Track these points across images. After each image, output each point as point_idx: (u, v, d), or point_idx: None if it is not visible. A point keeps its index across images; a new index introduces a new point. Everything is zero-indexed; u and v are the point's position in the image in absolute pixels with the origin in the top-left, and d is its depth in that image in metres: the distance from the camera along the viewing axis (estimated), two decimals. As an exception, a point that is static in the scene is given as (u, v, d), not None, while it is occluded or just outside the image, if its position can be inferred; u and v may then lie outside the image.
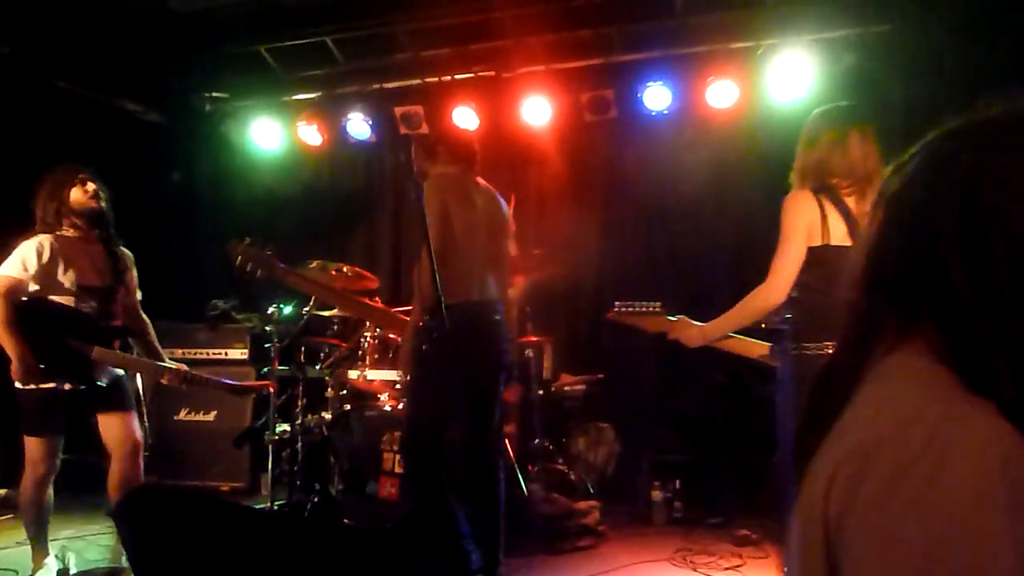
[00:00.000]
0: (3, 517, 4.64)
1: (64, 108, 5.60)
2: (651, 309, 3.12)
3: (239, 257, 3.43)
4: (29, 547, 3.50)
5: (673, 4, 5.19)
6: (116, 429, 3.51)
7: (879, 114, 5.11)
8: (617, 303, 3.22)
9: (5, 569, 3.67)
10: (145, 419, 5.07)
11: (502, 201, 3.47)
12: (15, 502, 3.93)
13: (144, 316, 3.89)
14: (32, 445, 3.36)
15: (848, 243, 2.60)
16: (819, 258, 2.63)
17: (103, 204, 3.66)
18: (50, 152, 5.33)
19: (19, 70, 5.22)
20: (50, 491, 3.48)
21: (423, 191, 3.01)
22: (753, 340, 3.02)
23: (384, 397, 4.55)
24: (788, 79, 5.04)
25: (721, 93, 5.21)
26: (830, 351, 2.30)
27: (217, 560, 1.81)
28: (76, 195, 3.58)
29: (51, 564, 3.49)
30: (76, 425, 3.52)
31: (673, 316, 3.11)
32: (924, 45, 4.83)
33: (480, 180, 3.43)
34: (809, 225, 2.64)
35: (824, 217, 2.62)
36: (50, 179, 3.63)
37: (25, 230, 3.64)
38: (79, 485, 4.45)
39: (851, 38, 5.02)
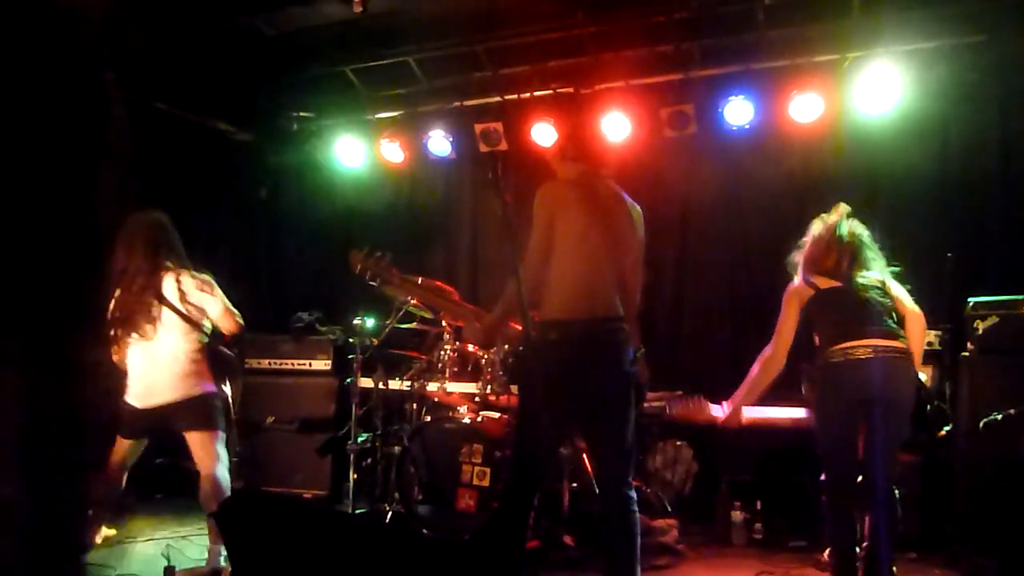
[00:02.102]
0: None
1: (163, 129, 5.91)
2: (695, 404, 3.65)
3: (359, 265, 3.49)
4: (135, 544, 3.74)
5: (755, 17, 5.13)
6: (196, 447, 3.78)
7: (974, 125, 5.00)
8: (667, 406, 3.84)
9: (102, 565, 3.85)
10: (234, 426, 5.30)
11: (631, 208, 3.19)
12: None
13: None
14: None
15: (837, 283, 3.27)
16: (820, 299, 3.30)
17: None
18: (151, 171, 5.65)
19: (124, 94, 5.53)
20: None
21: (535, 201, 2.99)
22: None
23: (463, 410, 4.61)
24: (876, 92, 4.91)
25: (805, 107, 5.11)
26: (856, 353, 3.07)
27: (311, 562, 1.88)
28: None
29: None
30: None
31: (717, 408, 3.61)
32: (1020, 55, 4.66)
33: (609, 184, 3.19)
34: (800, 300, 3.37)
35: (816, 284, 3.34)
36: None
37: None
38: (178, 487, 4.67)
39: (944, 48, 4.87)
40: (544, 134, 5.75)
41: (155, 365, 3.78)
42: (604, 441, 2.95)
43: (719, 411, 3.53)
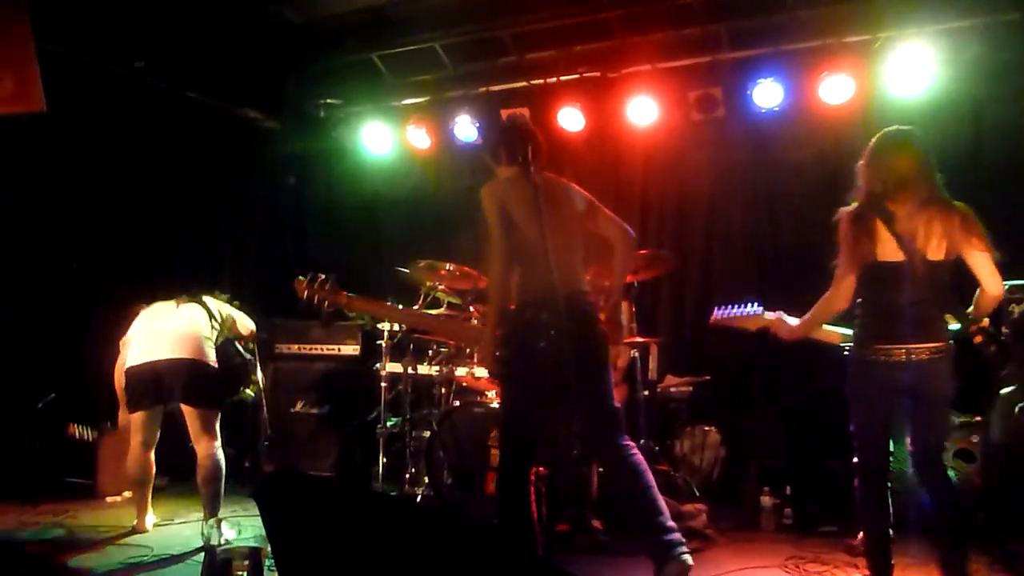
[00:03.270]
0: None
1: (192, 117, 5.98)
2: (750, 311, 3.41)
3: (304, 293, 3.59)
4: (170, 526, 3.90)
5: (784, -2, 5.07)
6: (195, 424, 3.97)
7: (1009, 104, 4.90)
8: (717, 308, 3.51)
9: (140, 545, 3.94)
10: (264, 410, 5.40)
11: (571, 189, 3.39)
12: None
13: None
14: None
15: (898, 257, 2.88)
16: (871, 275, 2.96)
17: None
18: (180, 158, 5.73)
19: (155, 82, 5.60)
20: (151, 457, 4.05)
21: (483, 201, 3.17)
22: (835, 330, 3.36)
23: (492, 394, 4.63)
24: (908, 72, 4.83)
25: (835, 88, 5.05)
26: (891, 355, 2.85)
27: (347, 541, 1.91)
28: None
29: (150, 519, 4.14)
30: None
31: (771, 314, 3.40)
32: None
33: (541, 176, 3.29)
34: (858, 241, 2.95)
35: (874, 235, 2.92)
36: None
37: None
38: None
39: (977, 27, 4.78)
40: (571, 118, 5.74)
41: (165, 326, 3.97)
42: (592, 402, 3.16)
43: (772, 317, 3.40)
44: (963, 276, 2.96)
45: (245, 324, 4.36)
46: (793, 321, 3.32)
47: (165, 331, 3.96)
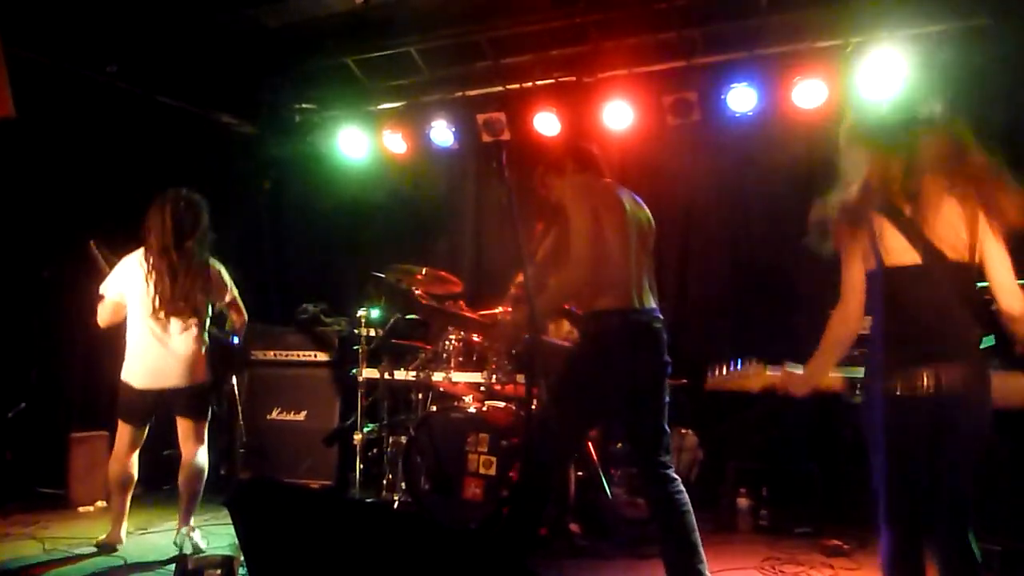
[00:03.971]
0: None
1: (166, 122, 5.92)
2: (749, 369, 2.81)
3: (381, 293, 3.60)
4: (144, 535, 3.95)
5: (757, 3, 5.11)
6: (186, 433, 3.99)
7: (980, 111, 4.96)
8: (710, 371, 2.96)
9: (113, 556, 3.88)
10: (240, 417, 5.34)
11: (645, 208, 3.40)
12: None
13: None
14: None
15: (910, 258, 2.30)
16: (879, 283, 2.37)
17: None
18: (154, 164, 5.66)
19: (127, 87, 5.54)
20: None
21: (568, 196, 3.10)
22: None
23: (469, 399, 4.62)
24: (880, 77, 4.89)
25: (808, 93, 5.10)
26: (915, 386, 2.22)
27: (323, 549, 1.90)
28: None
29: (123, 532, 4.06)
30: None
31: (774, 369, 2.76)
32: (1025, 39, 4.63)
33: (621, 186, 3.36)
34: (862, 248, 2.40)
35: (876, 235, 2.34)
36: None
37: (135, 237, 3.94)
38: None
39: (949, 32, 4.85)
40: (547, 123, 5.75)
41: (163, 349, 3.86)
42: (649, 425, 3.10)
43: (777, 373, 2.74)
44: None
45: (231, 308, 4.23)
46: (799, 369, 2.67)
47: (167, 353, 3.89)
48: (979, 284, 2.38)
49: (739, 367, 2.83)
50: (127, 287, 3.91)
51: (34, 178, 5.24)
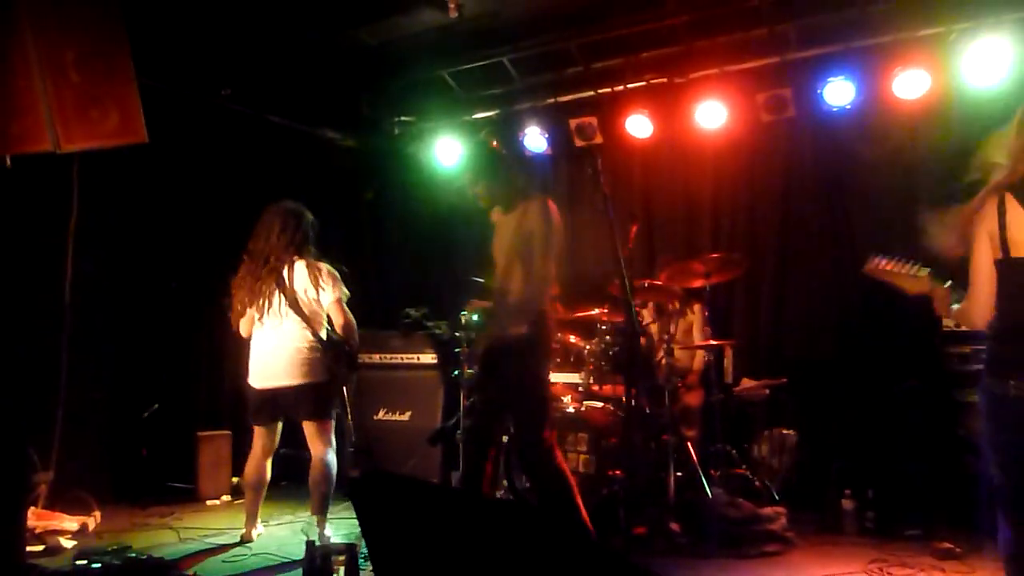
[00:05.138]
0: (236, 501, 5.26)
1: (276, 140, 6.29)
2: (915, 272, 2.68)
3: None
4: (266, 527, 4.27)
5: (853, -5, 5.01)
6: (310, 434, 4.17)
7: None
8: (873, 257, 2.85)
9: (240, 545, 4.17)
10: (349, 418, 5.61)
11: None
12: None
13: None
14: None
15: None
16: (1008, 276, 2.33)
17: None
18: (266, 179, 6.03)
19: (240, 108, 5.93)
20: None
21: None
22: None
23: (567, 399, 4.73)
24: (986, 64, 4.71)
25: (910, 83, 4.97)
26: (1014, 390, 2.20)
27: (438, 538, 2.04)
28: None
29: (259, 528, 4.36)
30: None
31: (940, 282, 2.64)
32: None
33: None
34: (990, 235, 2.35)
35: (1003, 223, 2.30)
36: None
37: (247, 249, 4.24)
38: (300, 475, 5.00)
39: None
40: (639, 125, 5.80)
41: (274, 350, 4.12)
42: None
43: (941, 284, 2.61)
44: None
45: (332, 309, 4.26)
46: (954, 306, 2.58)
47: (278, 353, 4.10)
48: None
49: (906, 265, 2.70)
50: (249, 299, 4.18)
51: (160, 198, 5.68)
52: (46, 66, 3.93)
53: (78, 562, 3.55)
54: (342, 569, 2.54)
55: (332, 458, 4.13)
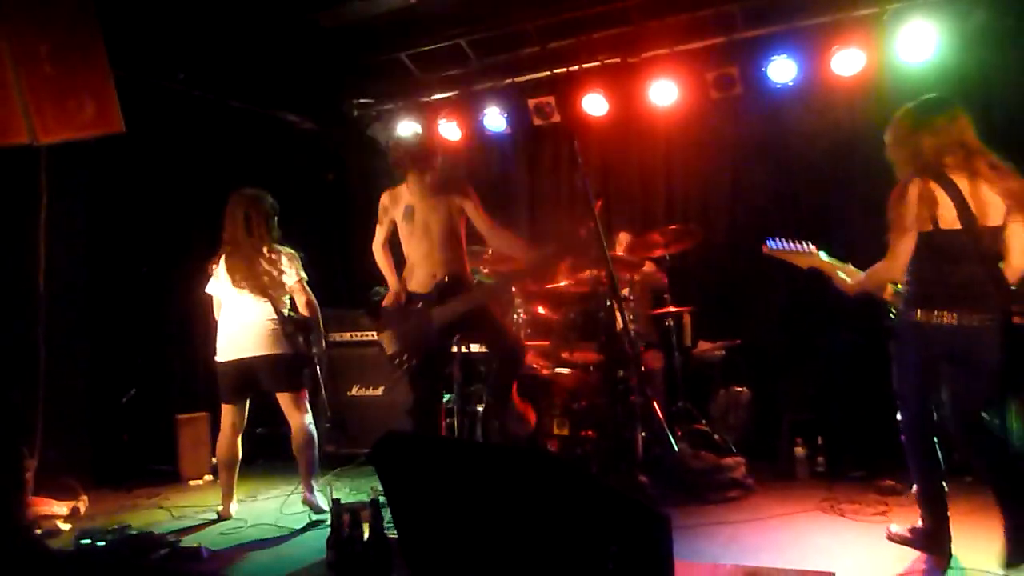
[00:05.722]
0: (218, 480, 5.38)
1: (236, 124, 6.34)
2: (804, 248, 3.62)
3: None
4: (254, 502, 4.38)
5: (795, -24, 5.31)
6: (286, 405, 4.37)
7: (1014, 72, 5.11)
8: (770, 240, 3.74)
9: (235, 518, 4.33)
10: (323, 394, 5.76)
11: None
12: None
13: None
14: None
15: (956, 226, 2.91)
16: (929, 242, 2.98)
17: None
18: (228, 164, 6.09)
19: (201, 94, 5.96)
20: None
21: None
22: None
23: (537, 367, 4.98)
24: (916, 42, 5.07)
25: (847, 61, 5.30)
26: (942, 320, 2.93)
27: (458, 489, 2.26)
28: None
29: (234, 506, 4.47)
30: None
31: (827, 257, 3.53)
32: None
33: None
34: (920, 212, 2.95)
35: (935, 203, 2.93)
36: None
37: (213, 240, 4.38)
38: (276, 453, 5.19)
39: (981, -4, 5.00)
40: (595, 104, 6.03)
41: (244, 325, 4.32)
42: None
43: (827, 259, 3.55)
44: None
45: (295, 290, 4.49)
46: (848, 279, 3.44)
47: (249, 326, 4.29)
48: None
49: (796, 245, 3.61)
50: (218, 283, 4.39)
51: (126, 184, 5.70)
52: (20, 60, 3.97)
53: (82, 541, 3.68)
54: (365, 525, 2.75)
55: (310, 424, 4.36)
